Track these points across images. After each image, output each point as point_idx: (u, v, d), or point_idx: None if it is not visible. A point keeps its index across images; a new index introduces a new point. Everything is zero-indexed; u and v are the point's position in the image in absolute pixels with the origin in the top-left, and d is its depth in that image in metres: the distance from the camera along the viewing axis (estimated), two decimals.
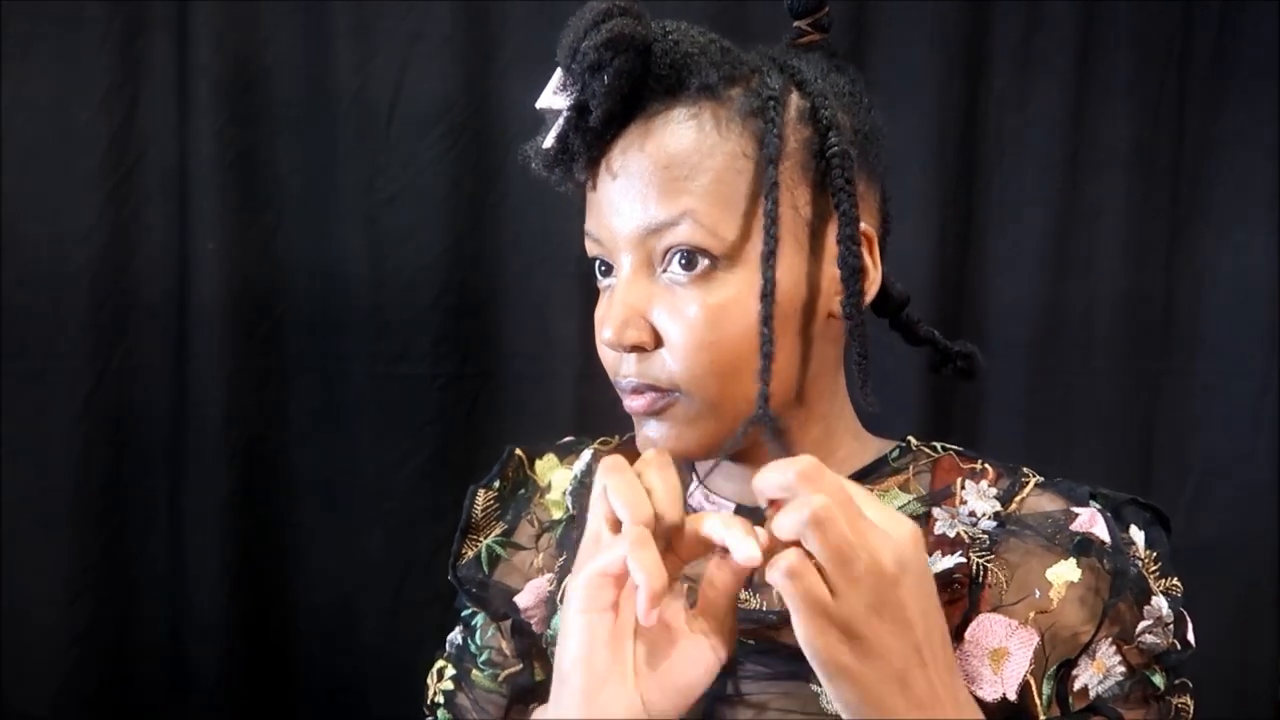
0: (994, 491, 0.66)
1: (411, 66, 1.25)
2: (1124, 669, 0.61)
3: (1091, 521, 0.63)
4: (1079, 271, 1.31)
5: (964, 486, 0.66)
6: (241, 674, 1.28)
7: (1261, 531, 1.31)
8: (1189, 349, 1.32)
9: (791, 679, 0.60)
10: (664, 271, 0.60)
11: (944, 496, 0.66)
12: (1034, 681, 0.60)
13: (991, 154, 1.30)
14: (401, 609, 1.29)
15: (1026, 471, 0.68)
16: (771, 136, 0.58)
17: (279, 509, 1.29)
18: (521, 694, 0.70)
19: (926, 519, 0.65)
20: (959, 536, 0.63)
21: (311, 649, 1.30)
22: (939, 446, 0.70)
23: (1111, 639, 0.61)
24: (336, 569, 1.30)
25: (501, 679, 0.71)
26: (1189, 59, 1.29)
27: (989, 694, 0.59)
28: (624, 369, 0.62)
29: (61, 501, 1.23)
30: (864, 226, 0.61)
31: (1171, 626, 0.62)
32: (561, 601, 0.69)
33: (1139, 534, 0.65)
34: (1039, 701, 0.60)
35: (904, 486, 0.67)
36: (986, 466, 0.68)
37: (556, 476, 0.77)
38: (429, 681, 0.74)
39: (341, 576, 1.30)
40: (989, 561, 0.62)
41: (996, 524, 0.64)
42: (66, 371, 1.22)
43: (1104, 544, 0.62)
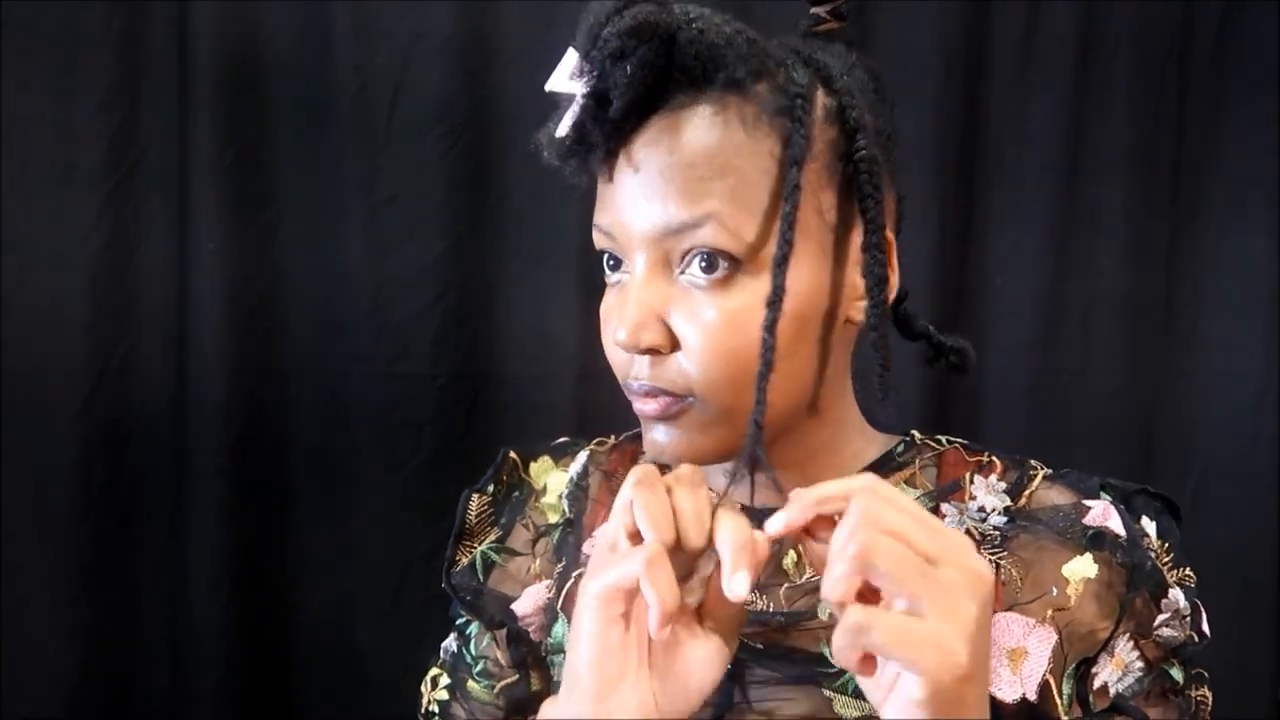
0: (1003, 486, 0.65)
1: (411, 66, 1.25)
2: (1142, 664, 0.60)
3: (1105, 515, 0.63)
4: (1079, 271, 1.31)
5: (973, 481, 0.65)
6: (241, 674, 1.28)
7: (1261, 531, 1.31)
8: (1189, 349, 1.32)
9: (801, 683, 0.60)
10: (682, 273, 0.58)
11: (952, 491, 0.65)
12: (1053, 681, 0.59)
13: (991, 154, 1.30)
14: (400, 609, 1.29)
15: (1034, 464, 0.67)
16: (798, 138, 0.56)
17: (279, 509, 1.29)
18: (518, 705, 0.69)
19: (935, 514, 0.63)
20: (969, 532, 0.63)
21: (311, 649, 1.30)
22: (944, 440, 0.69)
23: (1129, 634, 0.60)
24: (336, 569, 1.30)
25: (498, 690, 0.70)
26: (1189, 59, 1.29)
27: (1008, 695, 0.58)
28: (636, 371, 0.59)
29: (61, 501, 1.23)
30: (886, 232, 0.60)
31: (1189, 619, 0.62)
32: (562, 609, 0.69)
33: (1150, 524, 0.64)
34: (1059, 701, 0.59)
35: (910, 481, 0.66)
36: (994, 459, 0.67)
37: (552, 479, 0.75)
38: (423, 689, 0.73)
39: (341, 576, 1.30)
40: (1001, 558, 0.61)
41: (1007, 519, 0.63)
42: (66, 371, 1.22)
43: (1119, 538, 0.61)
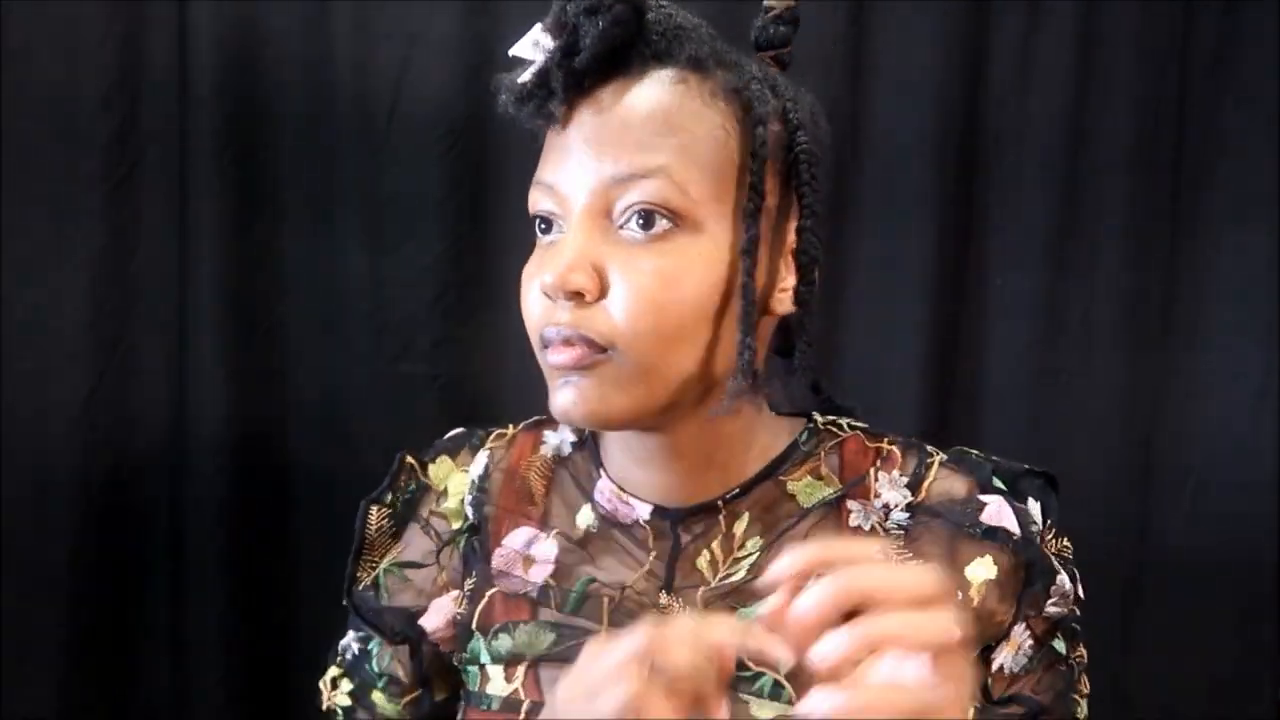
0: (904, 480, 0.66)
1: (411, 66, 1.25)
2: (1032, 642, 0.64)
3: (1000, 514, 0.64)
4: (1079, 271, 1.31)
5: (877, 478, 0.66)
6: (242, 674, 1.28)
7: (1261, 532, 1.31)
8: (1189, 349, 1.32)
9: None
10: (620, 228, 0.59)
11: (857, 485, 0.66)
12: None
13: (991, 154, 1.30)
14: None
15: (930, 450, 0.68)
16: (762, 127, 0.59)
17: (279, 509, 1.29)
18: (424, 718, 0.71)
19: (839, 508, 0.65)
20: (874, 529, 0.65)
21: (312, 649, 1.30)
22: (845, 424, 0.70)
23: (1023, 619, 0.64)
24: (336, 569, 1.29)
25: (403, 705, 0.72)
26: (1189, 59, 1.29)
27: None
28: (558, 316, 0.59)
29: (61, 502, 1.23)
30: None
31: (1072, 597, 0.65)
32: (477, 628, 0.68)
33: (1035, 505, 0.66)
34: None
35: (815, 473, 0.67)
36: (893, 449, 0.68)
37: (453, 481, 0.74)
38: (321, 686, 0.75)
39: (341, 576, 1.29)
40: (904, 557, 0.63)
41: (908, 515, 0.65)
42: (66, 371, 1.22)
43: (1013, 535, 0.64)
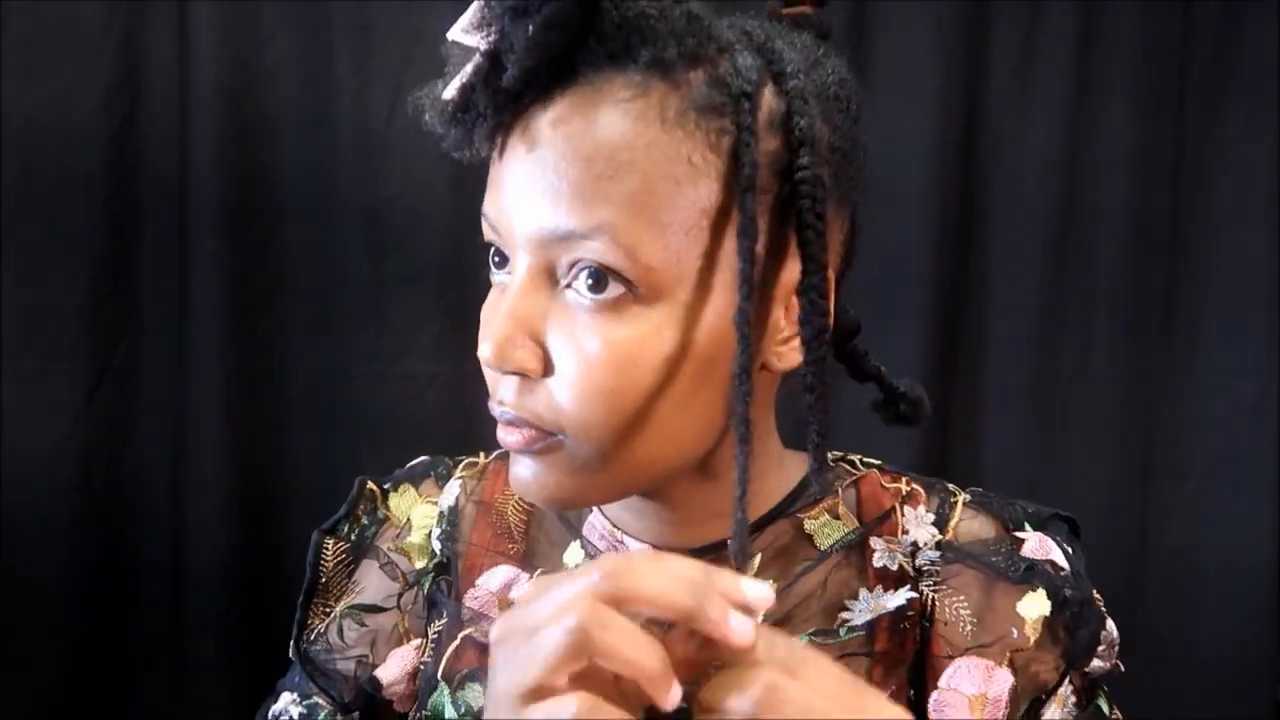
0: (930, 517, 0.60)
1: (411, 66, 1.25)
2: (1075, 699, 0.58)
3: (1044, 548, 0.59)
4: (1079, 271, 1.31)
5: (903, 513, 0.60)
6: (242, 675, 1.27)
7: (1261, 531, 1.31)
8: (1189, 349, 1.32)
9: None
10: (567, 287, 0.49)
11: (881, 522, 0.60)
12: None
13: (991, 154, 1.30)
14: None
15: (951, 488, 0.63)
16: (747, 151, 0.47)
17: (279, 509, 1.29)
18: None
19: (863, 549, 0.59)
20: (901, 569, 0.58)
21: None
22: (858, 461, 0.64)
23: (1069, 670, 0.58)
24: None
25: None
26: (1189, 59, 1.29)
27: None
28: (501, 394, 0.51)
29: (61, 502, 1.23)
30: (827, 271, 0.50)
31: (1116, 648, 0.60)
32: (443, 678, 0.60)
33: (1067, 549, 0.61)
34: None
35: (833, 511, 0.60)
36: (914, 486, 0.62)
37: (416, 514, 0.66)
38: None
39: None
40: (942, 596, 0.58)
41: (938, 553, 0.59)
42: (66, 371, 1.22)
43: (1062, 570, 0.58)
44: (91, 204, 1.21)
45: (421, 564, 0.64)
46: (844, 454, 0.64)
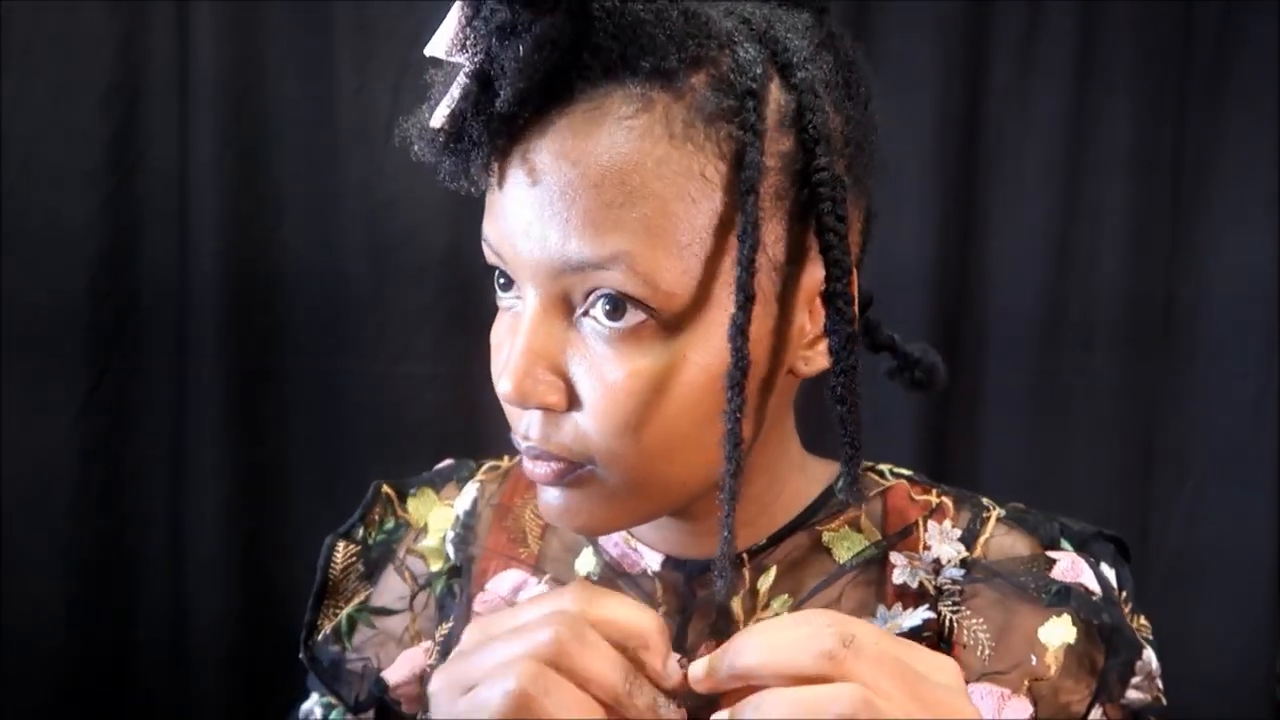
0: (957, 533, 0.57)
1: (411, 66, 1.25)
2: None
3: (1076, 570, 0.56)
4: (1079, 271, 1.31)
5: (926, 527, 0.57)
6: (242, 675, 1.27)
7: (1261, 531, 1.31)
8: (1189, 349, 1.32)
9: None
10: (584, 314, 0.47)
11: (903, 537, 0.57)
12: None
13: (991, 154, 1.30)
14: None
15: (986, 503, 0.59)
16: (753, 154, 0.44)
17: (279, 509, 1.29)
18: None
19: (883, 565, 0.56)
20: (921, 586, 0.56)
21: None
22: (888, 471, 0.61)
23: (1100, 702, 0.54)
24: None
25: None
26: (1189, 59, 1.29)
27: None
28: (525, 429, 0.49)
29: (61, 501, 1.23)
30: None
31: (1158, 680, 0.56)
32: None
33: (1110, 572, 0.57)
34: None
35: (855, 524, 0.58)
36: (944, 499, 0.59)
37: (434, 517, 0.65)
38: None
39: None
40: (962, 617, 0.55)
41: (963, 571, 0.56)
42: (66, 371, 1.22)
43: (1093, 595, 0.55)
44: (91, 204, 1.21)
45: (436, 566, 0.64)
46: (873, 464, 0.62)
